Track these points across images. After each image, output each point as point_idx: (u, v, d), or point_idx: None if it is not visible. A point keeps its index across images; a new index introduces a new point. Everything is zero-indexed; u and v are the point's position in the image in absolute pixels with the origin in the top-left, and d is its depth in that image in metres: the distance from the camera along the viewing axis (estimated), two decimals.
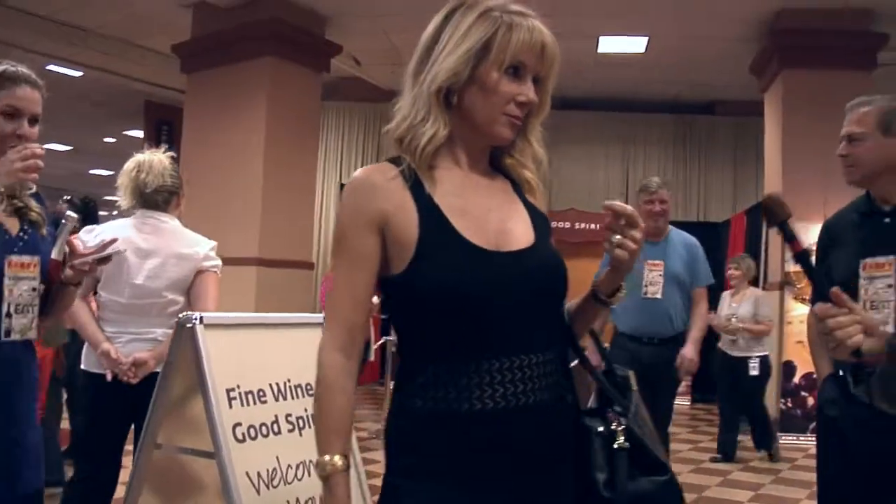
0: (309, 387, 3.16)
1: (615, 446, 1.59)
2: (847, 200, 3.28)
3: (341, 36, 9.77)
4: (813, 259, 3.10)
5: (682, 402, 11.26)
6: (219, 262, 3.61)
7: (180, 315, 2.94)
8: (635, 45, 10.11)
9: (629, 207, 1.58)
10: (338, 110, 12.88)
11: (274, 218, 9.08)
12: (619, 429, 1.61)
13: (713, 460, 7.45)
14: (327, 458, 1.53)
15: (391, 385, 5.66)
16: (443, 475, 1.54)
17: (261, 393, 3.04)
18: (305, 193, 9.83)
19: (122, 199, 3.57)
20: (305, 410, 3.17)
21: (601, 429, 1.62)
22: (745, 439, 7.96)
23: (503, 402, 1.52)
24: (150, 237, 3.48)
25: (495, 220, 1.63)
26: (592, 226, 11.56)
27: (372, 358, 9.11)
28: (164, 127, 12.63)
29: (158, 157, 3.58)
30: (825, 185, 6.95)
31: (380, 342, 8.98)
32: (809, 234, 9.32)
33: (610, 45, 10.09)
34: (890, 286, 2.79)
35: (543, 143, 1.72)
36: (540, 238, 1.67)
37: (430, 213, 1.57)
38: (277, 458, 3.00)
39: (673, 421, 9.41)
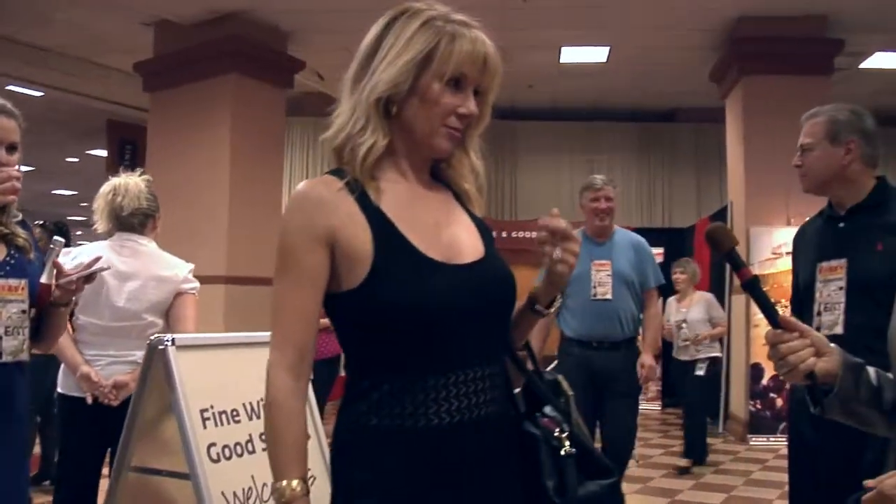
0: None
1: (562, 453, 1.58)
2: (808, 205, 3.38)
3: (304, 51, 9.78)
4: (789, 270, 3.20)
5: (652, 407, 11.36)
6: (197, 284, 3.63)
7: (151, 337, 2.95)
8: (597, 54, 10.21)
9: (563, 222, 1.56)
10: (302, 126, 12.85)
11: (241, 235, 9.05)
12: (564, 435, 1.59)
13: (680, 471, 7.30)
14: (285, 483, 1.47)
15: None
16: (399, 492, 1.50)
17: (234, 412, 3.04)
18: (272, 209, 9.77)
19: (99, 222, 3.58)
20: None
21: (548, 436, 1.60)
22: (717, 441, 8.03)
23: (458, 416, 1.50)
24: (129, 260, 3.50)
25: (445, 233, 1.60)
26: None
27: (343, 373, 9.09)
28: (128, 146, 12.53)
29: (134, 181, 3.60)
30: (787, 189, 7.08)
31: None
32: (773, 238, 9.46)
33: (572, 55, 10.19)
34: (841, 288, 2.89)
35: (481, 155, 1.70)
36: (489, 250, 1.66)
37: (382, 226, 1.53)
38: (253, 477, 3.00)
39: (645, 426, 9.51)
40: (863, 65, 10.22)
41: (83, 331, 3.47)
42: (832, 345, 1.53)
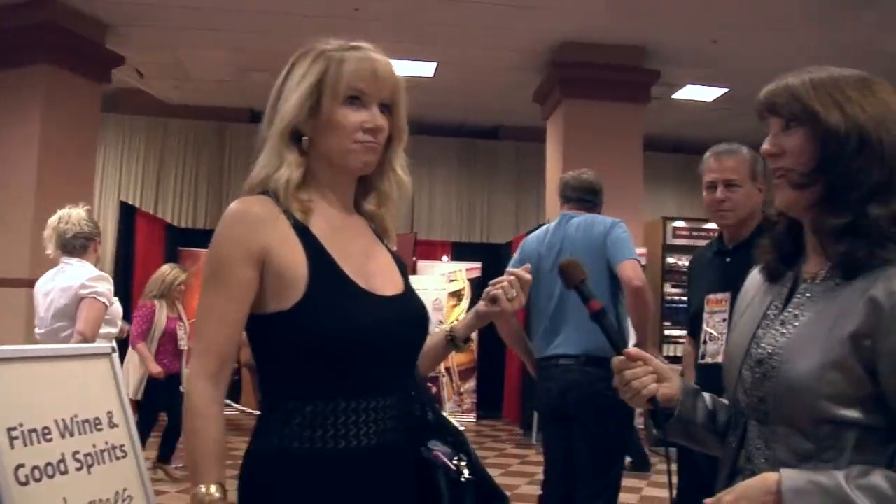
0: (97, 421, 3.00)
1: (462, 479, 1.65)
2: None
3: (124, 46, 9.35)
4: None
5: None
6: (98, 287, 4.14)
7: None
8: (424, 69, 10.31)
9: (527, 276, 1.78)
10: (118, 123, 12.34)
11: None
12: (463, 464, 1.67)
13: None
14: (203, 489, 1.48)
15: None
16: None
17: (45, 430, 2.82)
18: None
19: (49, 247, 4.31)
20: (94, 447, 2.98)
21: (447, 462, 1.66)
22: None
23: (372, 440, 1.57)
24: (55, 277, 4.24)
25: (370, 264, 1.68)
26: None
27: None
28: None
29: (76, 211, 4.33)
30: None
31: None
32: None
33: (399, 68, 10.19)
34: (724, 320, 3.08)
35: (407, 171, 1.78)
36: (407, 285, 1.75)
37: (316, 252, 1.59)
38: (65, 499, 2.81)
39: None
40: (675, 95, 10.80)
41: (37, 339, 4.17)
42: (672, 372, 1.61)
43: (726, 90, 10.57)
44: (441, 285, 11.08)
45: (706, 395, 1.66)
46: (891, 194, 1.37)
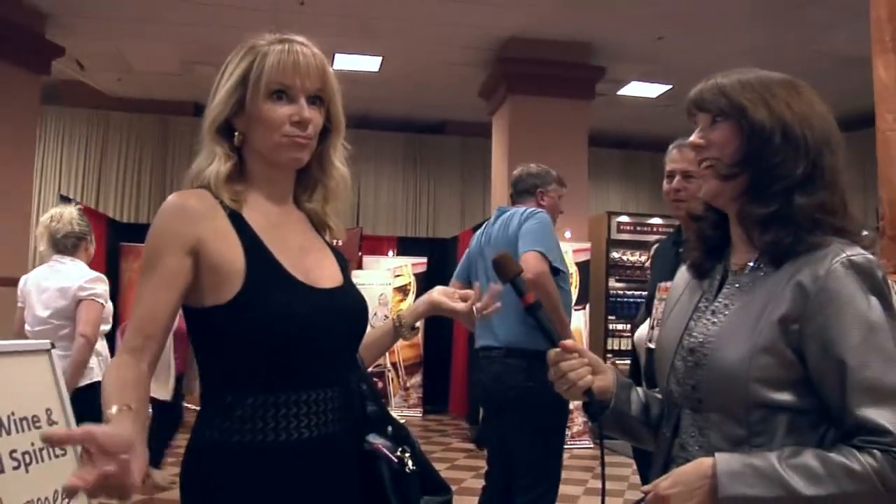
0: (36, 419, 2.96)
1: (406, 470, 1.67)
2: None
3: (64, 37, 9.18)
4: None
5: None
6: (96, 289, 4.24)
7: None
8: (369, 63, 10.29)
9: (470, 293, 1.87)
10: (58, 116, 12.12)
11: None
12: (407, 455, 1.69)
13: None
14: (107, 413, 1.43)
15: None
16: None
17: None
18: (20, 204, 9.13)
19: (41, 244, 4.41)
20: (32, 444, 2.94)
21: (391, 456, 1.69)
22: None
23: (312, 432, 1.59)
24: (50, 275, 4.30)
25: (308, 257, 1.69)
26: None
27: None
28: None
29: (68, 210, 4.45)
30: None
31: None
32: None
33: (345, 62, 10.20)
34: None
35: (346, 163, 1.80)
36: (346, 278, 1.76)
37: (253, 245, 1.60)
38: (1, 500, 2.76)
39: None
40: (620, 91, 10.91)
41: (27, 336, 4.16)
42: (607, 365, 1.65)
43: (670, 87, 10.72)
44: (387, 280, 11.06)
45: (639, 389, 1.70)
46: (814, 185, 1.43)
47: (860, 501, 1.30)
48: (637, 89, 10.93)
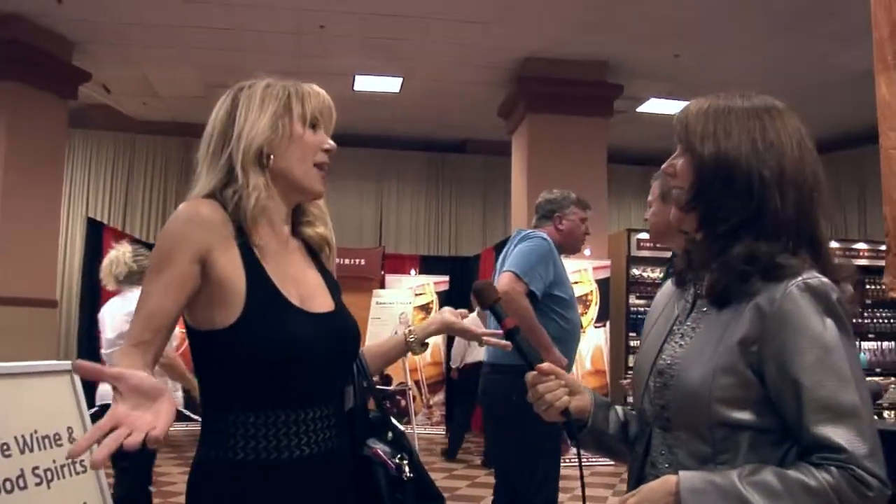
0: (58, 437, 3.04)
1: (404, 478, 1.77)
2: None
3: (90, 63, 9.39)
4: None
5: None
6: None
7: None
8: (390, 84, 10.39)
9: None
10: (85, 139, 12.32)
11: (12, 252, 8.53)
12: (405, 462, 1.79)
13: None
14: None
15: None
16: None
17: (5, 446, 2.86)
18: (48, 226, 9.30)
19: (109, 284, 4.88)
20: (54, 462, 3.02)
21: (389, 461, 1.78)
22: None
23: (312, 449, 1.67)
24: (118, 303, 4.82)
25: (303, 283, 1.78)
26: (346, 261, 11.45)
27: None
28: None
29: (121, 251, 4.87)
30: None
31: None
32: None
33: (366, 83, 10.31)
34: None
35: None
36: (338, 303, 1.84)
37: (253, 267, 1.68)
38: None
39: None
40: (639, 109, 10.94)
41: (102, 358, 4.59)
42: (583, 386, 1.71)
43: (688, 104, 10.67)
44: (408, 298, 11.13)
45: (618, 408, 1.75)
46: (754, 232, 1.45)
47: None
48: (655, 106, 10.94)
